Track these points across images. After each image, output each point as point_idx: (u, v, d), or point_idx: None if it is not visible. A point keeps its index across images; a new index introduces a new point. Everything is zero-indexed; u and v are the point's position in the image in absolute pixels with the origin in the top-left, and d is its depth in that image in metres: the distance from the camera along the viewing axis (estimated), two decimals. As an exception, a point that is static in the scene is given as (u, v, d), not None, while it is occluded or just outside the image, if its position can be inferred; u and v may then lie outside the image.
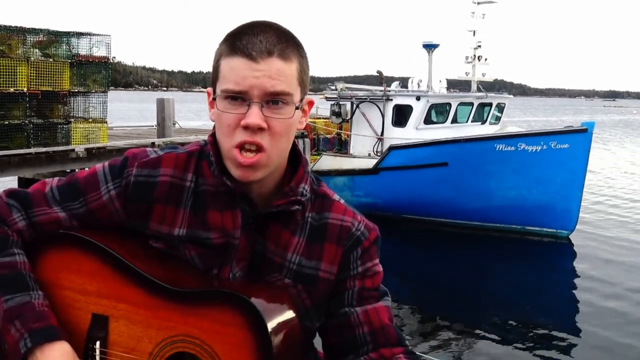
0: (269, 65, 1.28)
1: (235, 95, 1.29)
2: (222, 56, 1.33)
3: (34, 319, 1.31)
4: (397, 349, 1.42)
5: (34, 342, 1.29)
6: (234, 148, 1.30)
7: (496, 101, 17.06)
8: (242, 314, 1.27)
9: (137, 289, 1.36)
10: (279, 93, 1.29)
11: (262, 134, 1.29)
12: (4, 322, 1.31)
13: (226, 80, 1.30)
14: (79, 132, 10.79)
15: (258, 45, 1.28)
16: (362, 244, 1.45)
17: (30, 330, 1.30)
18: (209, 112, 1.41)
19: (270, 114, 1.29)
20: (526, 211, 13.80)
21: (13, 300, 1.32)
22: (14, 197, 1.45)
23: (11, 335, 1.30)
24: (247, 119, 1.28)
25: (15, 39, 9.93)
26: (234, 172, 1.33)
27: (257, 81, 1.27)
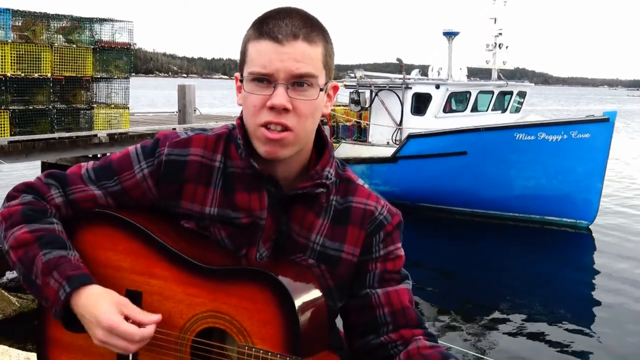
0: (295, 48, 1.32)
1: (261, 77, 1.34)
2: (249, 40, 1.37)
3: (71, 268, 1.36)
4: (417, 330, 1.45)
5: (72, 287, 1.34)
6: (260, 127, 1.35)
7: (517, 89, 16.92)
8: (270, 291, 1.31)
9: (169, 265, 1.41)
10: (304, 75, 1.33)
11: (288, 115, 1.33)
12: (43, 277, 1.36)
13: (253, 63, 1.35)
14: (101, 118, 10.91)
15: (284, 28, 1.32)
16: (384, 227, 1.48)
17: (68, 277, 1.35)
18: (237, 96, 1.46)
19: (295, 95, 1.34)
20: (546, 201, 13.74)
21: (51, 253, 1.37)
22: (52, 177, 1.52)
23: (50, 287, 1.35)
24: (272, 100, 1.32)
25: (40, 24, 10.05)
26: (262, 149, 1.37)
27: (282, 64, 1.32)
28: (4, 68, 9.47)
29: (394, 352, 1.43)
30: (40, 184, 1.50)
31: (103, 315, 1.31)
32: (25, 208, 1.44)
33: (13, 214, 1.43)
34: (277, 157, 1.37)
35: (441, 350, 1.40)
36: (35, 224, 1.41)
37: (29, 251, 1.39)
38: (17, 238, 1.40)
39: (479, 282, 10.52)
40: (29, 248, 1.39)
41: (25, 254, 1.39)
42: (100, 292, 1.36)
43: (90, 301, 1.34)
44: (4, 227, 1.43)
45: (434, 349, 1.40)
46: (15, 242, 1.40)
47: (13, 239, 1.40)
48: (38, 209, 1.45)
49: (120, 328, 1.31)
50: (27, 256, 1.38)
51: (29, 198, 1.46)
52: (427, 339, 1.44)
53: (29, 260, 1.38)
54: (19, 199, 1.46)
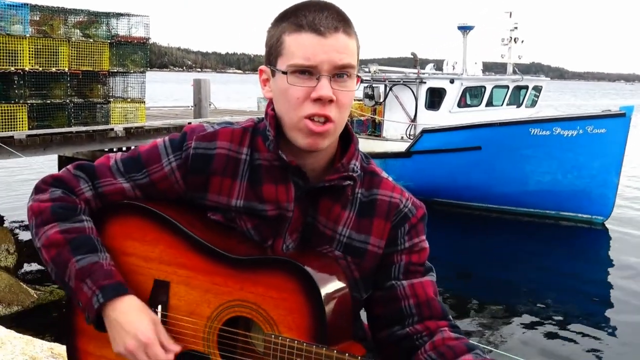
0: (337, 40, 1.35)
1: (304, 69, 1.35)
2: (285, 33, 1.38)
3: (103, 277, 1.40)
4: (442, 322, 1.46)
5: (106, 297, 1.38)
6: (304, 118, 1.36)
7: (532, 84, 16.81)
8: (296, 280, 1.33)
9: (196, 255, 1.44)
10: (346, 66, 1.36)
11: (330, 106, 1.35)
12: (76, 282, 1.40)
13: (294, 56, 1.36)
14: (118, 112, 10.97)
15: (324, 21, 1.35)
16: (409, 220, 1.50)
17: (101, 286, 1.38)
18: (262, 89, 1.47)
19: (337, 86, 1.36)
20: (561, 196, 13.66)
21: (83, 260, 1.41)
22: (81, 169, 1.53)
23: (84, 293, 1.39)
24: (319, 92, 1.34)
25: (57, 19, 10.11)
26: (303, 141, 1.38)
27: (326, 56, 1.34)
28: (22, 62, 9.55)
29: (419, 343, 1.45)
30: (69, 177, 1.51)
31: (143, 331, 1.37)
32: (55, 205, 1.46)
33: (43, 211, 1.45)
34: (318, 148, 1.39)
35: (466, 342, 1.41)
36: (66, 223, 1.44)
37: (61, 254, 1.42)
38: (49, 238, 1.43)
39: (493, 277, 10.50)
40: (61, 250, 1.42)
41: (58, 255, 1.42)
42: (138, 306, 1.41)
43: (129, 313, 1.39)
44: (35, 224, 1.46)
45: (459, 340, 1.41)
46: (47, 242, 1.43)
47: (45, 238, 1.43)
48: (68, 205, 1.47)
49: (154, 348, 1.37)
50: (59, 258, 1.42)
51: (58, 193, 1.48)
52: (452, 331, 1.45)
53: (62, 263, 1.42)
54: (49, 194, 1.48)
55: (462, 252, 12.03)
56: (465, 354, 1.37)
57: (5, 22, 9.36)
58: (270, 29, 1.43)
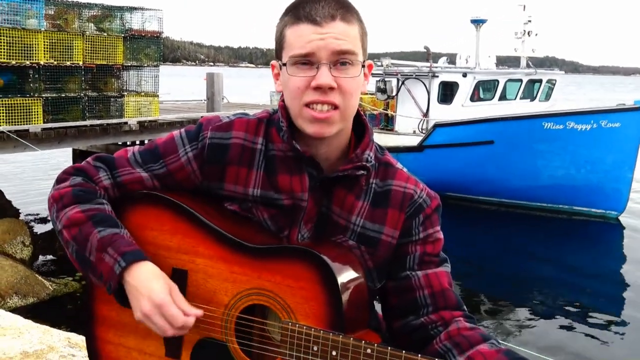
0: (334, 28, 1.36)
1: (303, 59, 1.37)
2: (286, 26, 1.41)
3: (125, 245, 1.42)
4: (456, 312, 1.47)
5: (127, 261, 1.39)
6: (305, 107, 1.38)
7: (546, 77, 16.71)
8: (313, 269, 1.34)
9: (213, 244, 1.45)
10: (346, 52, 1.37)
11: (333, 93, 1.37)
12: (97, 253, 1.41)
13: (293, 47, 1.38)
14: (132, 106, 11.02)
15: (321, 10, 1.37)
16: (424, 211, 1.51)
17: (123, 252, 1.40)
18: (275, 84, 1.50)
19: (338, 73, 1.37)
20: (574, 191, 13.59)
21: (105, 231, 1.43)
22: (100, 160, 1.57)
23: (105, 263, 1.41)
24: (318, 80, 1.36)
25: (72, 13, 10.18)
26: (309, 129, 1.40)
27: (323, 42, 1.36)
28: (37, 56, 9.63)
29: (434, 332, 1.45)
30: (88, 167, 1.55)
31: (156, 291, 1.37)
32: (76, 189, 1.49)
33: (64, 196, 1.48)
34: (324, 135, 1.41)
35: (481, 332, 1.41)
36: (86, 204, 1.47)
37: (82, 229, 1.44)
38: (70, 218, 1.45)
39: (505, 272, 10.48)
40: (83, 227, 1.44)
41: (80, 232, 1.44)
42: (155, 270, 1.42)
43: (145, 276, 1.39)
44: (56, 209, 1.49)
45: (474, 330, 1.42)
46: (68, 222, 1.45)
47: (66, 219, 1.45)
48: (88, 189, 1.50)
49: (169, 309, 1.36)
50: (81, 234, 1.44)
51: (78, 180, 1.51)
52: (466, 321, 1.45)
53: (83, 238, 1.43)
54: (69, 181, 1.51)
55: (474, 246, 12.00)
56: (480, 343, 1.37)
57: (20, 17, 9.44)
58: (277, 25, 1.46)
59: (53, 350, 2.80)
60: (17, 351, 2.75)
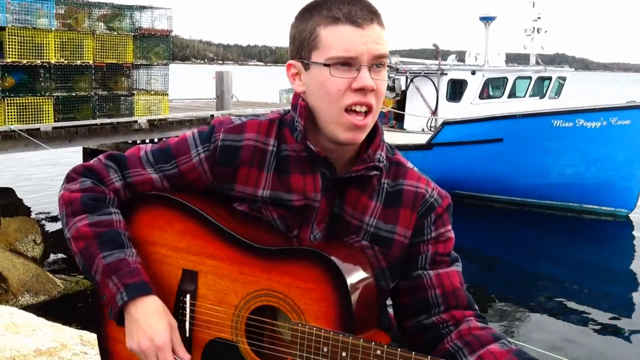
0: (373, 31, 1.38)
1: (345, 61, 1.38)
2: (320, 26, 1.40)
3: (129, 275, 1.42)
4: (468, 311, 1.48)
5: (129, 296, 1.41)
6: (345, 112, 1.39)
7: (556, 75, 16.64)
8: (322, 270, 1.35)
9: (223, 245, 1.46)
10: (383, 55, 1.40)
11: (371, 95, 1.39)
12: (102, 277, 1.43)
13: (333, 48, 1.38)
14: (141, 104, 11.06)
15: (360, 13, 1.38)
16: (435, 210, 1.52)
17: (126, 285, 1.41)
18: (293, 84, 1.49)
19: (375, 76, 1.39)
20: (584, 189, 13.53)
21: (111, 256, 1.44)
22: (112, 159, 1.57)
23: (109, 289, 1.43)
24: (361, 82, 1.37)
25: (82, 12, 10.23)
26: (343, 136, 1.41)
27: (365, 46, 1.37)
28: (48, 55, 9.69)
29: (445, 332, 1.46)
30: (100, 167, 1.55)
31: (159, 333, 1.40)
32: (85, 197, 1.49)
33: (74, 201, 1.49)
34: (357, 142, 1.43)
35: (493, 332, 1.42)
36: (94, 215, 1.47)
37: (89, 247, 1.45)
38: (78, 230, 1.46)
39: (515, 270, 10.46)
40: (89, 244, 1.45)
41: (86, 248, 1.45)
42: (159, 308, 1.43)
43: (147, 314, 1.42)
44: (65, 213, 1.50)
45: (485, 330, 1.42)
46: (76, 234, 1.46)
47: (75, 230, 1.47)
48: (97, 196, 1.50)
49: (166, 353, 1.40)
50: (87, 252, 1.45)
51: (88, 183, 1.51)
52: (478, 320, 1.46)
53: (89, 257, 1.45)
54: (79, 183, 1.51)
55: (483, 244, 11.98)
56: (491, 343, 1.38)
57: (31, 16, 9.50)
58: (297, 24, 1.45)
59: (66, 347, 2.84)
60: (31, 349, 2.78)
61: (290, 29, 1.49)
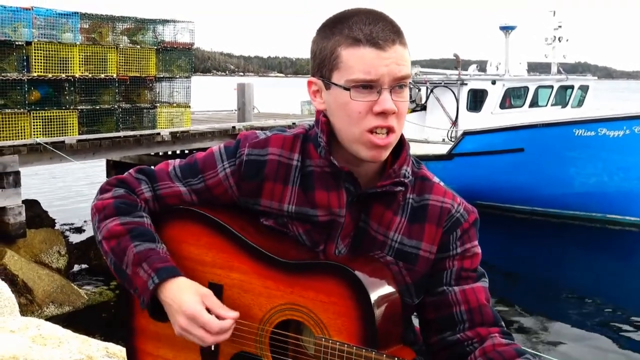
0: (395, 52, 1.36)
1: (365, 83, 1.36)
2: (341, 47, 1.38)
3: (159, 261, 1.45)
4: (493, 328, 1.46)
5: (160, 278, 1.43)
6: (366, 132, 1.38)
7: (578, 83, 16.51)
8: (346, 285, 1.35)
9: (248, 259, 1.48)
10: (405, 77, 1.38)
11: (392, 117, 1.38)
12: (133, 267, 1.45)
13: (354, 70, 1.36)
14: (164, 117, 11.17)
15: (382, 34, 1.35)
16: (461, 225, 1.50)
17: (157, 269, 1.43)
18: (313, 101, 1.49)
19: (396, 97, 1.38)
20: (608, 199, 13.37)
21: (141, 245, 1.47)
22: (142, 172, 1.61)
23: (140, 277, 1.45)
24: (383, 105, 1.36)
25: (106, 26, 10.37)
26: (366, 154, 1.40)
27: (386, 69, 1.35)
28: (73, 69, 9.85)
29: (470, 349, 1.44)
30: (131, 179, 1.59)
31: (187, 304, 1.40)
32: (118, 201, 1.53)
33: (106, 207, 1.53)
34: (380, 160, 1.42)
35: (516, 347, 1.40)
36: (126, 217, 1.51)
37: (120, 242, 1.48)
38: (110, 230, 1.50)
39: (537, 282, 10.35)
40: (121, 239, 1.48)
41: (118, 244, 1.48)
42: (186, 284, 1.44)
43: (177, 291, 1.42)
44: (98, 219, 1.53)
45: (509, 345, 1.40)
46: (108, 234, 1.50)
47: (106, 231, 1.50)
48: (129, 202, 1.54)
49: (201, 318, 1.39)
50: (119, 247, 1.48)
51: (120, 192, 1.55)
52: (503, 337, 1.44)
53: (121, 251, 1.47)
54: (112, 192, 1.55)
55: (505, 256, 11.86)
56: (514, 359, 1.37)
57: (56, 31, 9.67)
58: (318, 40, 1.44)
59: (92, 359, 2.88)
60: (58, 361, 2.82)
61: (311, 43, 1.48)
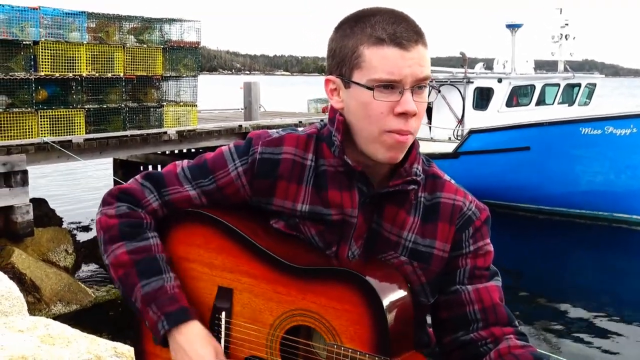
0: (418, 53, 1.35)
1: (388, 84, 1.35)
2: (363, 45, 1.36)
3: (168, 303, 1.43)
4: (507, 328, 1.44)
5: (170, 324, 1.42)
6: (386, 132, 1.36)
7: (585, 81, 16.45)
8: (358, 292, 1.34)
9: (259, 264, 1.46)
10: (426, 78, 1.37)
11: (413, 120, 1.37)
12: (142, 305, 1.45)
13: (376, 70, 1.35)
14: (171, 115, 11.19)
15: (405, 34, 1.34)
16: (473, 223, 1.49)
17: (165, 313, 1.42)
18: (330, 99, 1.47)
19: (417, 98, 1.36)
20: (614, 197, 13.33)
21: (149, 285, 1.44)
22: (148, 178, 1.57)
23: (150, 317, 1.45)
24: (405, 107, 1.34)
25: (112, 26, 10.39)
26: (383, 155, 1.39)
27: (410, 69, 1.34)
28: (80, 68, 9.87)
29: (484, 349, 1.43)
30: (136, 188, 1.54)
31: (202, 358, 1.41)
32: (122, 223, 1.49)
33: (111, 228, 1.50)
34: (396, 161, 1.41)
35: (533, 351, 1.38)
36: (132, 242, 1.48)
37: (128, 276, 1.47)
38: (117, 257, 1.48)
39: (543, 281, 10.33)
40: (128, 272, 1.47)
41: (125, 276, 1.47)
42: (203, 334, 1.44)
43: (193, 340, 1.43)
44: (103, 240, 1.51)
45: (525, 348, 1.38)
46: (115, 261, 1.48)
47: (113, 257, 1.48)
48: (134, 222, 1.50)
49: None
50: (126, 280, 1.47)
51: (124, 209, 1.51)
52: (517, 338, 1.42)
53: (129, 286, 1.47)
54: (115, 209, 1.51)
55: (510, 254, 11.83)
56: None
57: (64, 30, 9.70)
58: (337, 38, 1.42)
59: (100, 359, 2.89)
60: (67, 361, 2.84)
61: (329, 41, 1.45)
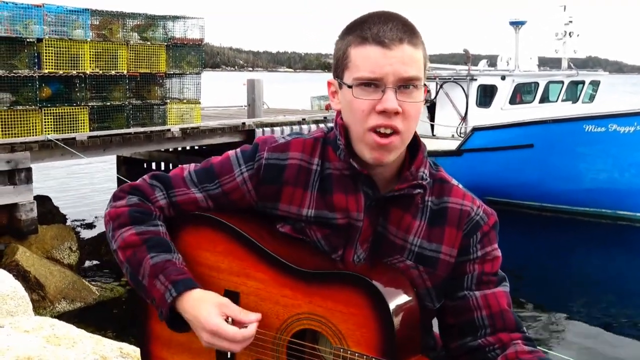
0: (402, 52, 1.35)
1: (370, 82, 1.36)
2: (351, 46, 1.39)
3: (176, 273, 1.44)
4: (515, 334, 1.44)
5: (177, 291, 1.42)
6: (369, 131, 1.37)
7: (589, 79, 16.41)
8: (364, 296, 1.35)
9: (265, 267, 1.47)
10: (412, 78, 1.36)
11: (397, 118, 1.36)
12: (150, 279, 1.45)
13: (359, 69, 1.37)
14: (174, 113, 11.16)
15: (389, 33, 1.35)
16: (481, 228, 1.48)
17: (173, 281, 1.43)
18: (331, 101, 1.49)
19: (403, 98, 1.36)
20: (618, 195, 13.30)
21: (158, 257, 1.46)
22: (156, 179, 1.59)
23: (157, 290, 1.44)
24: (384, 104, 1.34)
25: (116, 23, 10.35)
26: (369, 155, 1.40)
27: (391, 68, 1.34)
28: (84, 66, 9.85)
29: (492, 355, 1.43)
30: (145, 186, 1.57)
31: (206, 319, 1.39)
32: (132, 210, 1.52)
33: (120, 215, 1.51)
34: (383, 162, 1.40)
35: (540, 356, 1.38)
36: (141, 226, 1.50)
37: (136, 253, 1.47)
38: (125, 239, 1.49)
39: (547, 279, 10.31)
40: (137, 250, 1.47)
41: (134, 255, 1.47)
42: (202, 296, 1.43)
43: (194, 305, 1.41)
44: (112, 227, 1.52)
45: (532, 354, 1.38)
46: (123, 243, 1.49)
47: (121, 240, 1.49)
48: (144, 210, 1.53)
49: (223, 331, 1.38)
50: (135, 257, 1.47)
51: (134, 200, 1.54)
52: (525, 344, 1.42)
53: (137, 262, 1.47)
54: (125, 200, 1.54)
55: (513, 252, 11.80)
56: None
57: (67, 28, 9.67)
58: (337, 42, 1.45)
59: (106, 360, 2.89)
60: (72, 361, 2.84)
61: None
